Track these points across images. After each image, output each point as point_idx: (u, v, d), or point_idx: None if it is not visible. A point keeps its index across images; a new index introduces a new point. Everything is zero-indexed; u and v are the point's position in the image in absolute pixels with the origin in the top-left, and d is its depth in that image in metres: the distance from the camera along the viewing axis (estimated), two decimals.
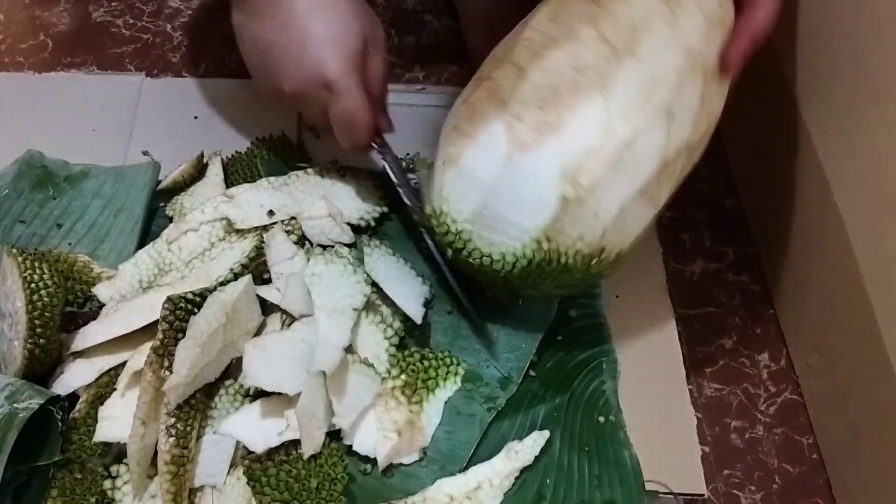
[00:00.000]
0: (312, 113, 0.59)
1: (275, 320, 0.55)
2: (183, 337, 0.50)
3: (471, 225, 0.50)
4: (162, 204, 0.64)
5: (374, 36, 0.57)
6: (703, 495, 0.54)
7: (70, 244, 0.61)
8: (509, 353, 0.57)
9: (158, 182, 0.65)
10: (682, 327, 0.62)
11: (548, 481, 0.52)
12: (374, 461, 0.51)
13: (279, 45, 0.55)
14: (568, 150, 0.48)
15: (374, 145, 0.59)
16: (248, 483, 0.49)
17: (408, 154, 0.67)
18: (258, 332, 0.54)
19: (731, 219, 0.70)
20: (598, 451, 0.54)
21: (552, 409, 0.55)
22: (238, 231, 0.59)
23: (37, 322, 0.50)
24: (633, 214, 0.50)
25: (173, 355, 0.49)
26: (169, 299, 0.50)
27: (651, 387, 0.58)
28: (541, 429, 0.53)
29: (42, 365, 0.52)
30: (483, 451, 0.53)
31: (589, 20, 0.49)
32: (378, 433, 0.51)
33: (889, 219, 0.50)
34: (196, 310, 0.51)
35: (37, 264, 0.52)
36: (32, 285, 0.51)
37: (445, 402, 0.54)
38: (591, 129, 0.48)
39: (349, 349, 0.53)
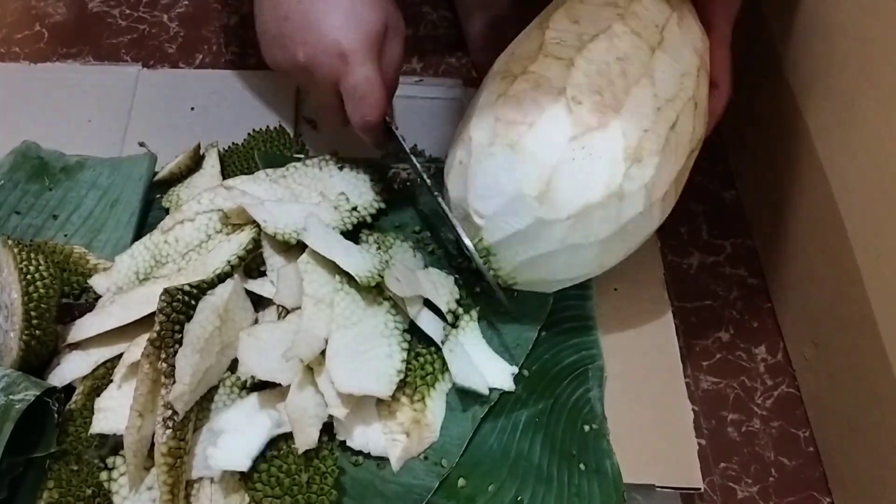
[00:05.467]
0: (322, 88, 0.57)
1: (270, 313, 0.55)
2: (180, 329, 0.50)
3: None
4: (158, 195, 0.64)
5: (395, 23, 0.57)
6: (699, 489, 0.54)
7: (66, 235, 0.61)
8: (503, 352, 0.56)
9: (155, 173, 0.64)
10: (679, 320, 0.62)
11: (526, 487, 0.51)
12: (366, 454, 0.51)
13: (301, 12, 0.55)
14: (629, 130, 0.49)
15: (388, 119, 0.58)
16: (239, 480, 0.49)
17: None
18: None
19: (729, 212, 0.70)
20: (580, 459, 0.53)
21: (535, 414, 0.54)
22: (235, 223, 0.58)
23: (33, 313, 0.50)
24: (670, 197, 0.53)
25: (170, 347, 0.49)
26: (166, 291, 0.50)
27: (648, 380, 0.58)
28: (522, 433, 0.53)
29: (38, 356, 0.52)
30: (466, 452, 0.53)
31: (617, 18, 0.52)
32: (386, 437, 0.51)
33: (887, 212, 0.50)
34: (193, 302, 0.51)
35: (33, 255, 0.52)
36: (28, 276, 0.51)
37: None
38: (645, 111, 0.50)
39: None
